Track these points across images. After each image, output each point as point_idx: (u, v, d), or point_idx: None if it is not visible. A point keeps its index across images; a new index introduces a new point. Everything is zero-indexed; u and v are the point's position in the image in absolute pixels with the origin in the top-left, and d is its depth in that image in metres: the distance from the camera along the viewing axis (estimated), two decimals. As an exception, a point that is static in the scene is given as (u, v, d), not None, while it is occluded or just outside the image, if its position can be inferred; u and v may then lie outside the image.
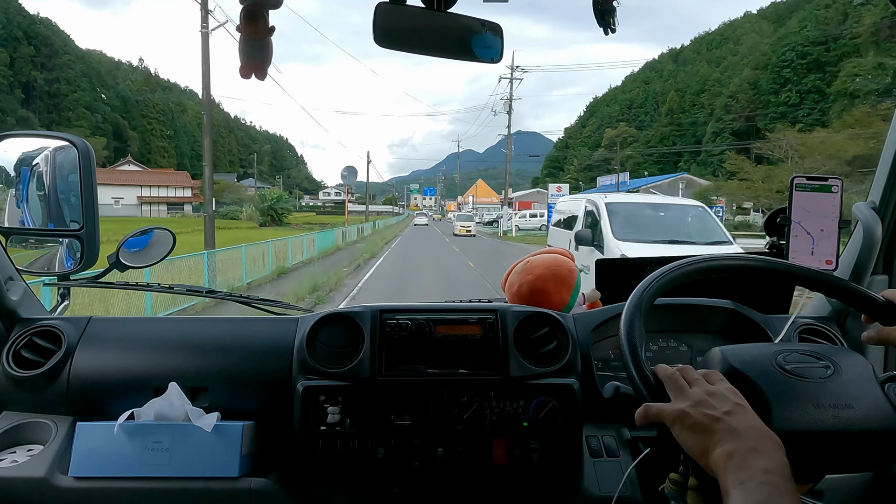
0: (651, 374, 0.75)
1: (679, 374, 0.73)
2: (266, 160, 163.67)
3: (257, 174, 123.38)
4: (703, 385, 0.70)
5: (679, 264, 0.86)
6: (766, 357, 0.76)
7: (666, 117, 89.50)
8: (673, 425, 0.67)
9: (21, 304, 1.25)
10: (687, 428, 0.66)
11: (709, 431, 0.64)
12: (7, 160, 1.33)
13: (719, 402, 0.67)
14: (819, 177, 1.10)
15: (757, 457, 0.60)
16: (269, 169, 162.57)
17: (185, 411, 1.10)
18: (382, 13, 1.05)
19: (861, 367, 0.74)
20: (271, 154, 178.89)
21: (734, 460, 0.60)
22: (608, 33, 1.13)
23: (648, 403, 0.71)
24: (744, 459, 0.60)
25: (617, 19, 1.12)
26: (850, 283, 0.88)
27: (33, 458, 1.08)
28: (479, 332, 1.17)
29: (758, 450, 0.60)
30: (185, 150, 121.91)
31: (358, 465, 1.10)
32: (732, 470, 0.59)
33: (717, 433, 0.63)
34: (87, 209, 1.24)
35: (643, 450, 1.10)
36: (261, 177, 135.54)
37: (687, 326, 1.31)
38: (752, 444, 0.61)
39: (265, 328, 1.26)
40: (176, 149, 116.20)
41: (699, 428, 0.65)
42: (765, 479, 0.57)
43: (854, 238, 1.30)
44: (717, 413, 0.65)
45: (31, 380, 1.14)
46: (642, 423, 0.71)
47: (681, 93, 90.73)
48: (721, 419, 0.64)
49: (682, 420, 0.66)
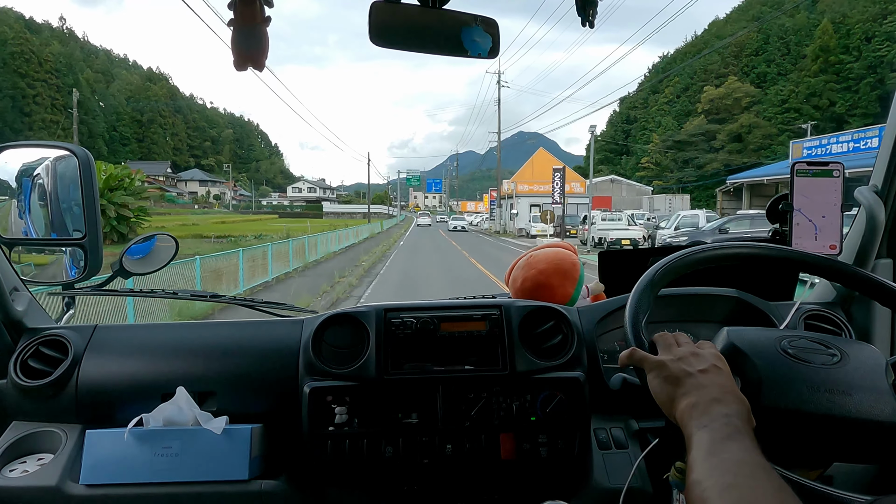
0: (647, 339, 0.77)
1: (672, 336, 0.76)
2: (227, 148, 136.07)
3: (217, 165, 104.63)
4: (690, 347, 0.74)
5: (683, 253, 0.86)
6: (769, 339, 0.76)
7: (815, 62, 58.15)
8: (650, 372, 0.71)
9: (27, 314, 1.26)
10: (661, 378, 0.69)
11: (679, 384, 0.68)
12: (8, 171, 1.33)
13: (698, 362, 0.70)
14: (820, 162, 1.10)
15: (718, 405, 0.63)
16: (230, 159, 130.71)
17: (193, 416, 1.10)
18: (378, 12, 1.05)
19: (871, 359, 0.73)
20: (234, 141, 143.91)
21: (697, 409, 0.64)
22: (585, 25, 1.13)
23: (635, 348, 0.74)
24: (706, 407, 0.63)
25: (597, 13, 1.12)
26: (856, 268, 0.88)
27: (44, 467, 1.09)
28: (484, 328, 1.17)
29: (719, 399, 0.64)
30: (98, 129, 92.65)
31: (367, 465, 1.10)
32: (696, 417, 0.63)
33: (685, 386, 0.67)
34: (89, 218, 1.24)
35: (651, 441, 1.10)
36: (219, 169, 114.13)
37: (692, 316, 1.31)
38: (715, 396, 0.64)
39: (270, 331, 1.26)
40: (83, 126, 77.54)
41: (671, 380, 0.68)
42: (725, 420, 0.61)
43: (857, 222, 1.29)
44: (692, 369, 0.68)
45: (40, 389, 1.14)
46: (625, 363, 0.74)
47: (842, 24, 57.61)
48: (693, 374, 0.68)
49: (659, 369, 0.70)
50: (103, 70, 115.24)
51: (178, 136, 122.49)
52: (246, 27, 1.02)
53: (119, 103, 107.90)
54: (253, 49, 1.03)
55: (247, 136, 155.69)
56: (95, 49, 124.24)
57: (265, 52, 1.05)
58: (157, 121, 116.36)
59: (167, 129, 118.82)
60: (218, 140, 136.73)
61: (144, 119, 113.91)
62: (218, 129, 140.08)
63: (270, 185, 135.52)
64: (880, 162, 1.29)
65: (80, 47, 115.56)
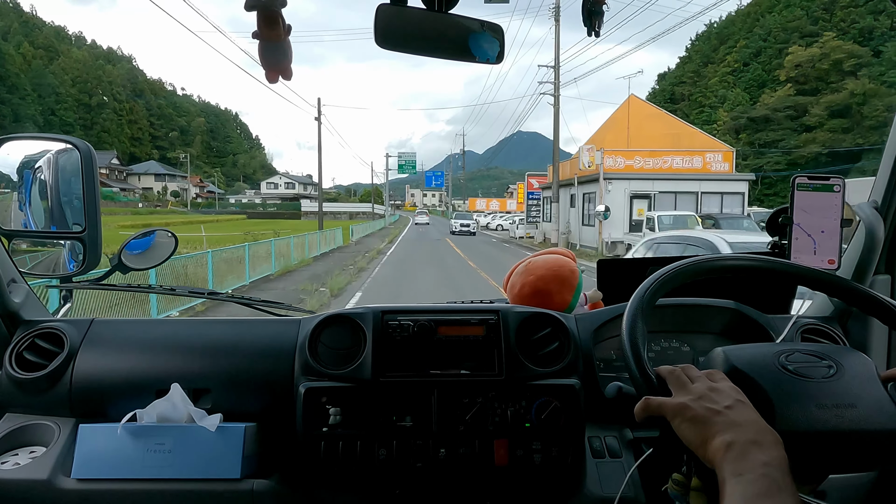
0: (653, 374, 0.75)
1: (681, 371, 0.73)
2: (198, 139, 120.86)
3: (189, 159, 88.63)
4: (705, 382, 0.71)
5: (681, 264, 0.86)
6: (768, 357, 0.76)
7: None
8: (674, 418, 0.67)
9: (23, 307, 1.25)
10: (687, 420, 0.65)
11: (709, 423, 0.64)
12: (9, 163, 1.33)
13: (721, 397, 0.67)
14: (821, 176, 1.10)
15: (756, 449, 0.60)
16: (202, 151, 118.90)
17: (187, 413, 1.10)
18: (384, 15, 1.05)
19: (863, 366, 0.74)
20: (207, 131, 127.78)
21: (733, 451, 0.60)
22: (591, 35, 1.14)
23: (649, 397, 0.71)
24: (743, 451, 0.60)
25: (602, 23, 1.13)
26: (854, 283, 0.88)
27: (36, 460, 1.09)
28: (480, 333, 1.17)
29: (758, 442, 0.60)
30: (27, 111, 79.32)
31: (360, 467, 1.10)
32: (731, 460, 0.59)
33: (717, 424, 0.63)
34: (89, 211, 1.25)
35: (646, 450, 1.10)
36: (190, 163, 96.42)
37: (689, 327, 1.31)
38: (752, 437, 0.61)
39: (267, 330, 1.26)
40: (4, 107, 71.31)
41: (699, 420, 0.65)
42: (763, 471, 0.57)
43: (856, 238, 1.29)
44: (719, 407, 0.65)
45: (34, 382, 1.14)
46: (642, 416, 0.71)
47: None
48: (722, 412, 0.64)
49: (683, 412, 0.66)
50: (46, 46, 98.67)
51: (137, 123, 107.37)
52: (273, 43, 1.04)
53: (61, 83, 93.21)
54: (281, 62, 1.07)
55: (222, 126, 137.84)
56: (41, 23, 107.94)
57: (290, 60, 1.08)
58: (110, 105, 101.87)
59: (123, 116, 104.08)
60: (187, 130, 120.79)
61: (93, 102, 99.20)
62: (188, 118, 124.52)
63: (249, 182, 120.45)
64: (881, 177, 1.29)
65: (25, 21, 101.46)
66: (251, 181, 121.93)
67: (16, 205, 1.34)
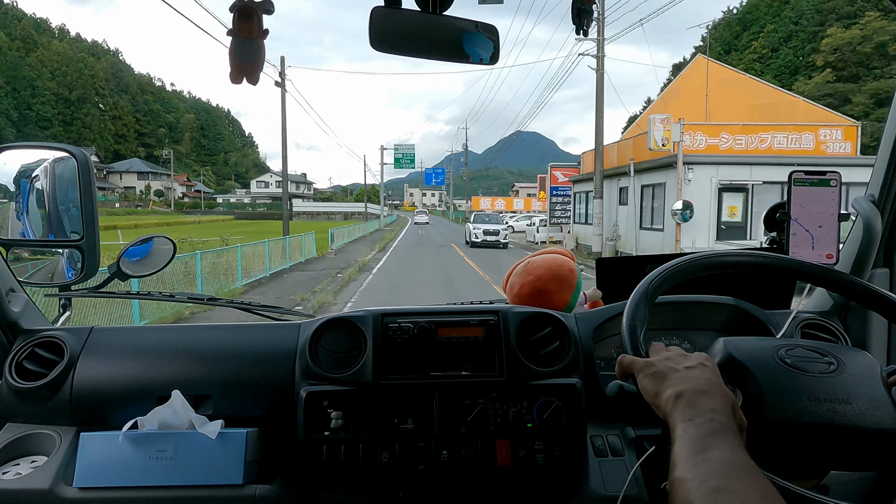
0: (644, 350, 0.78)
1: (663, 345, 0.78)
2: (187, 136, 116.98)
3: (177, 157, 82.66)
4: (679, 350, 0.75)
5: (682, 260, 0.86)
6: (766, 349, 0.76)
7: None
8: (639, 373, 0.73)
9: (23, 316, 1.25)
10: (649, 375, 0.71)
11: (665, 378, 0.69)
12: (6, 172, 1.33)
13: (685, 360, 0.71)
14: (817, 171, 1.10)
15: (704, 398, 0.63)
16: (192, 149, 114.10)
17: (188, 419, 1.10)
18: (378, 17, 1.05)
19: (867, 366, 0.74)
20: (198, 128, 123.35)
21: (682, 400, 0.64)
22: (580, 34, 1.15)
23: (624, 354, 0.76)
24: (691, 399, 0.64)
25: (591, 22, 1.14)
26: (853, 278, 0.88)
27: (37, 469, 1.08)
28: (481, 334, 1.17)
29: (706, 392, 0.64)
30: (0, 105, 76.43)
31: (362, 470, 1.10)
32: (680, 408, 0.63)
33: (671, 378, 0.68)
34: (87, 220, 1.25)
35: (648, 448, 1.10)
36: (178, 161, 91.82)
37: (689, 323, 1.31)
38: (701, 388, 0.65)
39: (267, 334, 1.26)
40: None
41: (658, 375, 0.70)
42: (710, 416, 0.61)
43: (854, 232, 1.29)
44: (678, 366, 0.70)
45: (34, 391, 1.14)
46: (618, 371, 0.76)
47: None
48: (679, 370, 0.69)
49: (647, 368, 0.72)
50: (24, 37, 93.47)
51: (122, 119, 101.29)
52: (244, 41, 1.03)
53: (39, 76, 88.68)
54: (249, 62, 1.04)
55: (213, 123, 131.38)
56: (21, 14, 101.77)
57: (260, 66, 1.06)
58: (92, 99, 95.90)
59: (107, 112, 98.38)
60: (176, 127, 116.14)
61: (73, 97, 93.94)
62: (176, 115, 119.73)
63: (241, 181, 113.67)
64: (877, 171, 1.29)
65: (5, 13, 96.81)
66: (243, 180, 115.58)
67: (13, 214, 1.34)
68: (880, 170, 1.28)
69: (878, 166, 1.29)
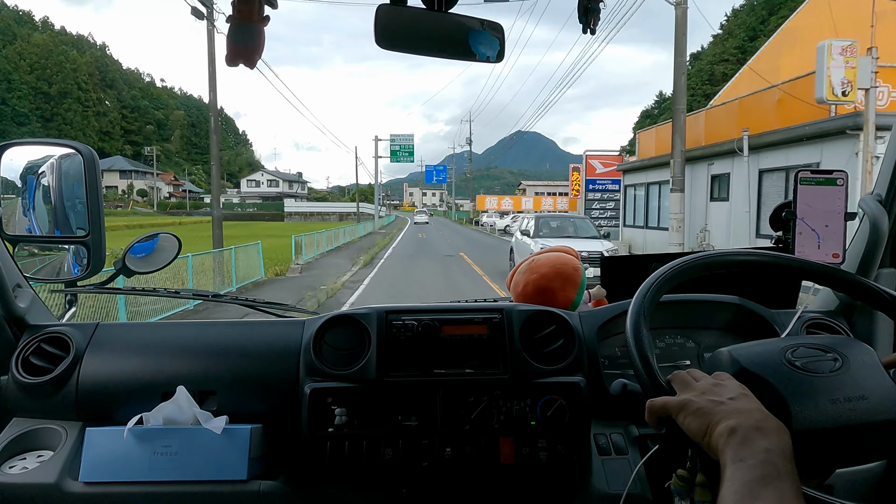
0: (662, 378, 0.74)
1: (686, 373, 0.73)
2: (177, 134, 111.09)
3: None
4: (709, 379, 0.70)
5: (685, 260, 0.86)
6: (774, 354, 0.75)
7: None
8: (678, 414, 0.67)
9: (29, 311, 1.26)
10: (691, 413, 0.65)
11: (712, 413, 0.63)
12: (13, 168, 1.34)
13: (724, 391, 0.66)
14: (824, 171, 1.10)
15: (759, 435, 0.59)
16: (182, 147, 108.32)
17: (193, 415, 1.10)
18: (383, 15, 1.05)
19: (867, 356, 0.73)
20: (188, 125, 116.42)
21: (736, 436, 0.59)
22: (587, 32, 1.14)
23: (651, 399, 0.71)
24: (746, 436, 0.59)
25: (598, 20, 1.12)
26: (859, 277, 0.88)
27: (44, 464, 1.09)
28: (485, 332, 1.17)
29: (761, 429, 0.60)
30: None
31: (366, 467, 1.10)
32: (733, 445, 0.59)
33: (720, 413, 0.63)
34: (92, 216, 1.25)
35: (651, 447, 1.10)
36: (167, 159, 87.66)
37: (693, 322, 1.30)
38: (755, 423, 0.60)
39: (271, 331, 1.26)
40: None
41: (703, 412, 0.64)
42: (765, 457, 0.56)
43: (860, 231, 1.29)
44: (722, 398, 0.65)
45: (41, 386, 1.15)
46: (650, 419, 0.71)
47: None
48: (725, 402, 0.64)
49: (687, 407, 0.66)
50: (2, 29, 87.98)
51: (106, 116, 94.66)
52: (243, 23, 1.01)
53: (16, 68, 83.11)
54: (247, 45, 1.01)
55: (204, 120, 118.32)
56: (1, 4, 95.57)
57: (259, 50, 1.03)
58: (74, 94, 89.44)
59: (90, 108, 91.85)
60: (165, 124, 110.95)
61: (53, 92, 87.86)
62: (166, 111, 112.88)
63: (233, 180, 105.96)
64: (884, 171, 1.29)
65: None
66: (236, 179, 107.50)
67: (20, 210, 1.35)
68: (887, 169, 1.28)
69: (885, 165, 1.28)
